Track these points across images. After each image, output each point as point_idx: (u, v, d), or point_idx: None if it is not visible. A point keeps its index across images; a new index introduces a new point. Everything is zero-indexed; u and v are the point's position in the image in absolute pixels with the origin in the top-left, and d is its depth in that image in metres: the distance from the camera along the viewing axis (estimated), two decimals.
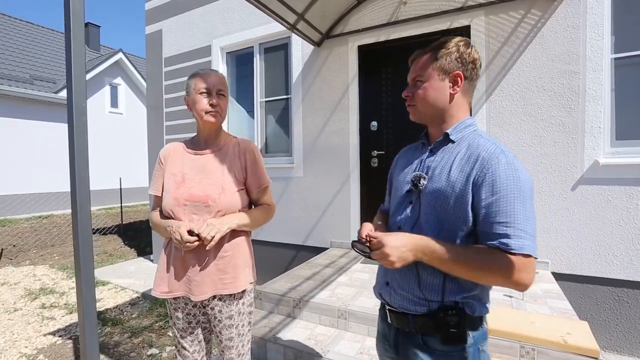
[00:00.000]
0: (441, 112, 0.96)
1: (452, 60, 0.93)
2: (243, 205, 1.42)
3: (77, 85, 1.31)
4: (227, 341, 1.41)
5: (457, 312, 0.87)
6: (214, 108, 1.36)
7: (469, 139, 0.93)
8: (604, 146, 2.62)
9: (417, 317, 0.92)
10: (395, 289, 0.97)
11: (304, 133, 3.89)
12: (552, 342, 1.65)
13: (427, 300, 0.90)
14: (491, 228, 0.82)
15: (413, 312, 0.93)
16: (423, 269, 0.91)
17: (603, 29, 2.59)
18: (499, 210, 0.81)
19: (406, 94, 1.01)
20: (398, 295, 0.96)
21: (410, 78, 1.01)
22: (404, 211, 0.99)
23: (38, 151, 10.13)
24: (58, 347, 2.72)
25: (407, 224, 0.97)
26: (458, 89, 0.94)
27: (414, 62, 1.01)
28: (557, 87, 2.73)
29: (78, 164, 1.31)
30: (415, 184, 0.95)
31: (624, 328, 2.56)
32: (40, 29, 12.95)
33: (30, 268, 4.91)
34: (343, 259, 3.28)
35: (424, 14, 3.19)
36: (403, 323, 0.96)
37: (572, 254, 2.68)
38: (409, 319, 0.94)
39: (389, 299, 0.99)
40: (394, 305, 0.97)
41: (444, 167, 0.92)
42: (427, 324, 0.91)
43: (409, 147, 1.15)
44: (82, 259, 1.32)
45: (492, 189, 0.82)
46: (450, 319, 0.86)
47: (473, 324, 0.90)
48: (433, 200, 0.91)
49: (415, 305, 0.92)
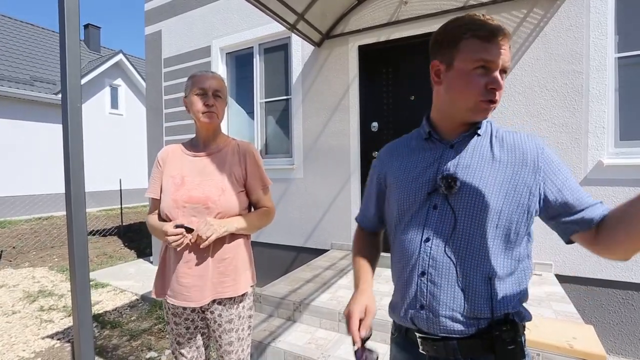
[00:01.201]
0: None
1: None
2: (243, 207, 1.40)
3: (72, 86, 1.28)
4: (227, 346, 1.39)
5: (511, 325, 0.75)
6: (209, 109, 1.35)
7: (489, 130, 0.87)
8: (607, 146, 2.59)
9: (464, 340, 0.78)
10: (436, 312, 0.79)
11: (304, 134, 3.86)
12: (558, 347, 1.62)
13: (477, 318, 0.77)
14: (581, 201, 0.77)
15: (459, 336, 0.78)
16: (465, 280, 0.78)
17: (607, 28, 2.55)
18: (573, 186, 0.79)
19: (502, 86, 0.79)
20: (440, 318, 0.79)
21: (503, 64, 0.78)
22: (427, 219, 0.83)
23: (38, 152, 10.12)
24: (56, 350, 2.69)
25: (439, 234, 0.81)
26: None
27: (504, 42, 0.77)
28: (560, 87, 2.70)
29: (73, 166, 1.28)
30: (448, 186, 0.79)
31: (628, 331, 2.52)
32: (40, 30, 12.96)
33: (30, 270, 4.89)
34: (344, 261, 3.25)
35: (425, 13, 3.16)
36: (446, 350, 0.79)
37: (576, 256, 2.65)
38: (454, 344, 0.78)
39: (426, 325, 0.81)
40: (433, 331, 0.80)
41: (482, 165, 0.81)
42: (477, 345, 0.77)
43: (397, 142, 0.99)
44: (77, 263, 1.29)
45: (559, 174, 0.79)
46: (505, 335, 0.74)
47: (523, 334, 0.80)
48: (475, 202, 0.78)
49: (463, 325, 0.78)
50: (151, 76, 5.11)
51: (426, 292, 0.81)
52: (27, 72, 10.33)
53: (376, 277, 2.88)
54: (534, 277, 2.63)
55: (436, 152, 0.87)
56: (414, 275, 0.83)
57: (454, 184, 0.80)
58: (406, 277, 0.85)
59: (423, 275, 0.81)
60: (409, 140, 0.96)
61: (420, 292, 0.82)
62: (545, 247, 2.72)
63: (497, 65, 0.77)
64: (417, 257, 0.82)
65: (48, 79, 10.69)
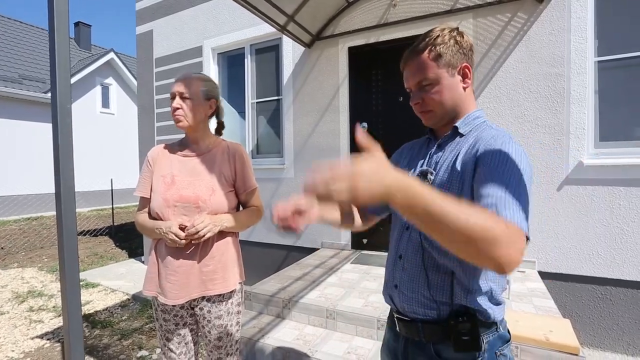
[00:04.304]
0: (456, 109, 0.90)
1: (455, 52, 0.86)
2: (232, 207, 1.45)
3: (61, 87, 1.30)
4: (216, 341, 1.42)
5: (469, 318, 0.81)
6: (176, 112, 1.38)
7: (478, 130, 0.88)
8: (587, 147, 2.68)
9: (427, 324, 0.87)
10: (404, 292, 0.90)
11: (295, 134, 3.90)
12: (535, 340, 1.69)
13: (436, 301, 0.85)
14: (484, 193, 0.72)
15: (422, 317, 0.87)
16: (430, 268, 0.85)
17: (587, 32, 2.64)
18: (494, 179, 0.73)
19: (415, 101, 0.91)
20: (407, 297, 0.89)
21: (413, 83, 0.90)
22: None
23: (27, 152, 9.99)
24: (46, 350, 2.69)
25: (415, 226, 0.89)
26: (469, 81, 0.89)
27: (407, 66, 0.91)
28: (543, 89, 2.78)
29: (63, 167, 1.31)
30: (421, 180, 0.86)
31: (606, 325, 2.61)
32: (29, 27, 12.78)
33: (19, 270, 4.84)
34: (333, 260, 3.29)
35: (413, 16, 3.22)
36: (412, 331, 0.89)
37: (557, 253, 2.73)
38: (419, 326, 0.88)
39: (399, 302, 0.92)
40: (404, 310, 0.91)
41: (451, 161, 0.86)
42: (437, 331, 0.85)
43: (414, 142, 1.07)
44: (66, 262, 1.31)
45: (490, 162, 0.76)
46: (461, 326, 0.81)
47: (488, 328, 0.84)
48: None
49: (424, 308, 0.86)
50: (142, 76, 5.10)
51: (400, 273, 0.92)
52: (15, 70, 10.20)
53: (365, 275, 2.94)
54: (518, 274, 2.71)
55: (429, 151, 0.96)
56: (395, 257, 0.94)
57: (425, 177, 0.88)
58: (391, 258, 0.97)
59: (400, 258, 0.92)
60: (422, 140, 1.05)
61: (396, 272, 0.93)
62: (529, 245, 2.79)
63: (410, 86, 0.92)
64: (399, 241, 0.94)
65: (37, 77, 10.56)
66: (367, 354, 1.96)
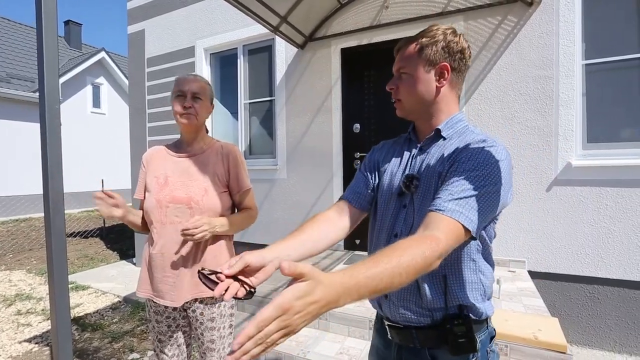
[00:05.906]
0: (428, 107, 0.89)
1: (437, 50, 0.85)
2: (225, 208, 1.44)
3: (50, 87, 1.28)
4: (209, 343, 1.42)
5: (464, 320, 0.81)
6: (186, 110, 1.38)
7: (462, 135, 0.86)
8: (576, 149, 2.73)
9: (421, 330, 0.85)
10: (395, 301, 0.87)
11: (288, 135, 3.90)
12: (524, 339, 1.72)
13: (430, 309, 0.83)
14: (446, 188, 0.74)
15: (416, 324, 0.85)
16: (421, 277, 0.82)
17: (574, 36, 2.69)
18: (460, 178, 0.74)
19: (390, 86, 0.92)
20: (398, 307, 0.87)
21: (395, 69, 0.92)
22: (398, 216, 0.89)
23: (15, 152, 9.81)
24: (34, 354, 2.65)
25: (404, 232, 0.86)
26: (445, 82, 0.86)
27: (399, 52, 0.92)
28: (533, 91, 2.82)
29: (51, 168, 1.29)
30: (407, 186, 0.86)
31: (595, 324, 2.66)
32: (17, 25, 12.55)
33: (6, 273, 4.76)
34: (326, 260, 3.30)
35: (405, 18, 3.25)
36: (406, 338, 0.87)
37: (547, 252, 2.78)
38: (412, 333, 0.85)
39: (389, 312, 0.89)
40: (395, 319, 0.88)
41: (434, 166, 0.84)
42: (432, 336, 0.83)
43: (392, 141, 1.05)
44: (55, 264, 1.29)
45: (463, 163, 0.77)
46: (457, 329, 0.80)
47: (480, 327, 0.85)
48: (426, 203, 0.82)
49: (417, 315, 0.84)
50: (134, 76, 5.05)
51: None
52: (3, 69, 10.01)
53: None
54: (508, 274, 2.75)
55: (411, 153, 0.93)
56: None
57: (411, 184, 0.86)
58: None
59: None
60: (400, 139, 1.03)
61: None
62: (519, 245, 2.84)
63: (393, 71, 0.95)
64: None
65: (25, 76, 10.38)
66: (359, 355, 1.96)
